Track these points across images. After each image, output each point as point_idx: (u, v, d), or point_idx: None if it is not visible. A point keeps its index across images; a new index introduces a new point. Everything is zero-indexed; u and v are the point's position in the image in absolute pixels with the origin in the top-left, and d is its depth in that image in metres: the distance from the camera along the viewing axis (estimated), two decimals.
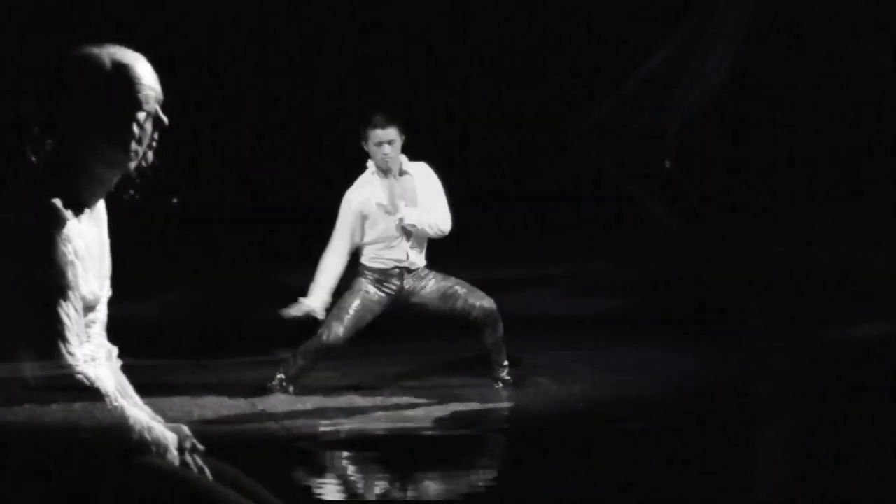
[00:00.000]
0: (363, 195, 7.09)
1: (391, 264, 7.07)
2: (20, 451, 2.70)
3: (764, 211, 14.01)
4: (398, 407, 6.72)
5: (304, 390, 7.05)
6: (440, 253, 7.29)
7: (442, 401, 6.83)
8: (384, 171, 7.07)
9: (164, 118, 2.85)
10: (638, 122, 19.08)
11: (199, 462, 2.85)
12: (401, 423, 6.44)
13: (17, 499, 2.68)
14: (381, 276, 7.08)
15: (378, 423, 6.44)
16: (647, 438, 6.00)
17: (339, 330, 6.99)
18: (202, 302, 10.17)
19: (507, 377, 7.19)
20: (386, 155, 7.00)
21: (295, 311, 7.03)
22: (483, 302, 7.09)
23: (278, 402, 6.76)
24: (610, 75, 18.26)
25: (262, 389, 6.99)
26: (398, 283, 7.08)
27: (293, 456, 5.77)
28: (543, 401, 6.82)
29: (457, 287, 7.13)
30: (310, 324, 7.02)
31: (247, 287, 10.50)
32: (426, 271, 7.17)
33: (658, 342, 8.11)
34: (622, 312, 9.26)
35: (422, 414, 6.62)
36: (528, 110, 17.39)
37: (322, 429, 6.38)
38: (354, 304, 7.03)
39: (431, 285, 7.12)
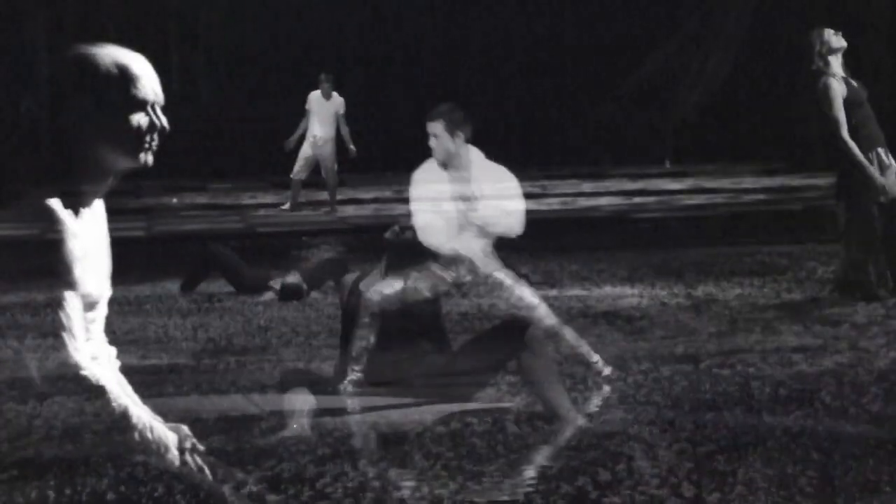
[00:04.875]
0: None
1: None
2: (24, 450, 2.71)
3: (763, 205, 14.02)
4: (398, 406, 6.71)
5: (303, 390, 7.05)
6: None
7: (456, 398, 6.78)
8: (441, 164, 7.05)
9: (164, 119, 2.86)
10: (638, 121, 19.09)
11: (199, 462, 2.85)
12: (401, 421, 6.44)
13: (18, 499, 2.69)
14: None
15: (378, 421, 6.44)
16: (642, 438, 6.01)
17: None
18: (202, 301, 10.18)
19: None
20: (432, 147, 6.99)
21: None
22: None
23: (277, 402, 6.76)
24: (610, 75, 18.26)
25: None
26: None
27: (293, 455, 5.76)
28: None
29: None
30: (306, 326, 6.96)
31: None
32: None
33: (660, 339, 8.12)
34: (624, 306, 9.27)
35: (432, 411, 6.59)
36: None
37: (321, 428, 6.37)
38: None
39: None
